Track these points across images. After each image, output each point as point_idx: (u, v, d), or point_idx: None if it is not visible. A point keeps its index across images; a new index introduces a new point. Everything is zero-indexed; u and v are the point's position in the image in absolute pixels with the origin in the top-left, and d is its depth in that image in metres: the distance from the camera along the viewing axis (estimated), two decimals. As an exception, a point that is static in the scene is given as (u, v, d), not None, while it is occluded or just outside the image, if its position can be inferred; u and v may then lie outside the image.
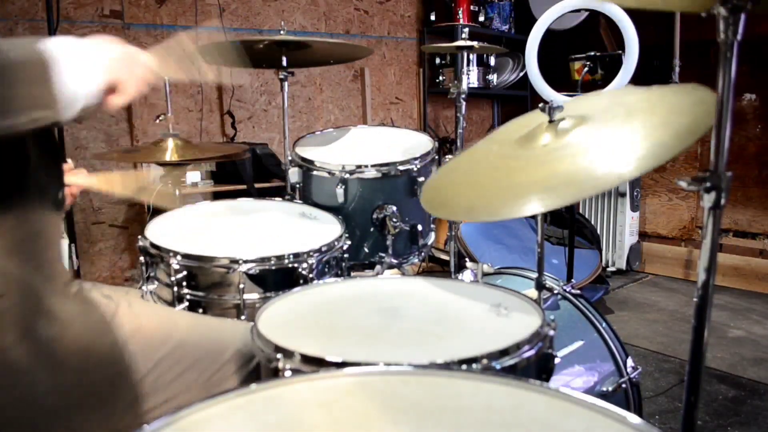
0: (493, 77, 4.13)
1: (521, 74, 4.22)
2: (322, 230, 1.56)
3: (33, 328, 0.78)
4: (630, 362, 1.39)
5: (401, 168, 1.76)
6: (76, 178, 1.18)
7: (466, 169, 1.12)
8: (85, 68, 0.77)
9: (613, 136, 0.93)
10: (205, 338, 1.02)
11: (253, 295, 1.33)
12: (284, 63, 1.97)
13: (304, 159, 1.81)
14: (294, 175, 1.81)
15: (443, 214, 1.24)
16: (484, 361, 0.81)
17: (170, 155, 1.85)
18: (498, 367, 0.82)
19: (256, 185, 2.88)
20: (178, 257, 1.33)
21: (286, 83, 2.01)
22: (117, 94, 0.84)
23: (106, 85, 0.81)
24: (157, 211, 1.62)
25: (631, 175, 0.82)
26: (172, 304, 1.34)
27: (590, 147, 0.93)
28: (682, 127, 0.85)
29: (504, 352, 0.84)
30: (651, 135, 0.87)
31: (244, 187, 2.83)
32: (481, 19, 4.02)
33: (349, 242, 1.53)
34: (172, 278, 1.32)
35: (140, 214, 2.99)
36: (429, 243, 1.95)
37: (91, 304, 0.89)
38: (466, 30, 2.30)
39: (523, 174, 0.97)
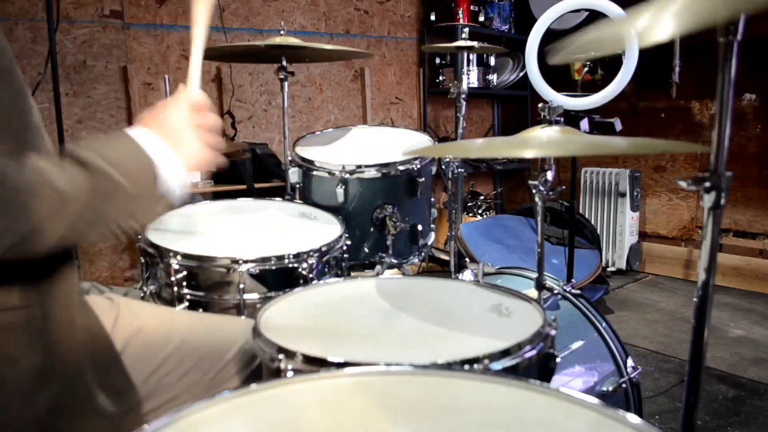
0: (493, 77, 4.12)
1: (521, 74, 4.22)
2: (322, 230, 1.56)
3: (43, 338, 0.77)
4: (630, 362, 1.39)
5: (401, 168, 1.75)
6: None
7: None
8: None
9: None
10: (207, 337, 1.02)
11: (253, 295, 1.33)
12: (284, 63, 1.97)
13: (304, 159, 1.81)
14: (294, 175, 1.81)
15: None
16: (486, 361, 0.81)
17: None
18: (499, 367, 0.82)
19: (256, 185, 2.88)
20: (178, 257, 1.33)
21: (286, 83, 2.01)
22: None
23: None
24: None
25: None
26: (172, 304, 1.34)
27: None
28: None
29: (505, 353, 0.83)
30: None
31: (244, 187, 2.83)
32: (481, 19, 4.01)
33: (349, 242, 1.53)
34: (172, 278, 1.32)
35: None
36: (429, 243, 1.95)
37: (94, 312, 0.88)
38: (466, 30, 2.30)
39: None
